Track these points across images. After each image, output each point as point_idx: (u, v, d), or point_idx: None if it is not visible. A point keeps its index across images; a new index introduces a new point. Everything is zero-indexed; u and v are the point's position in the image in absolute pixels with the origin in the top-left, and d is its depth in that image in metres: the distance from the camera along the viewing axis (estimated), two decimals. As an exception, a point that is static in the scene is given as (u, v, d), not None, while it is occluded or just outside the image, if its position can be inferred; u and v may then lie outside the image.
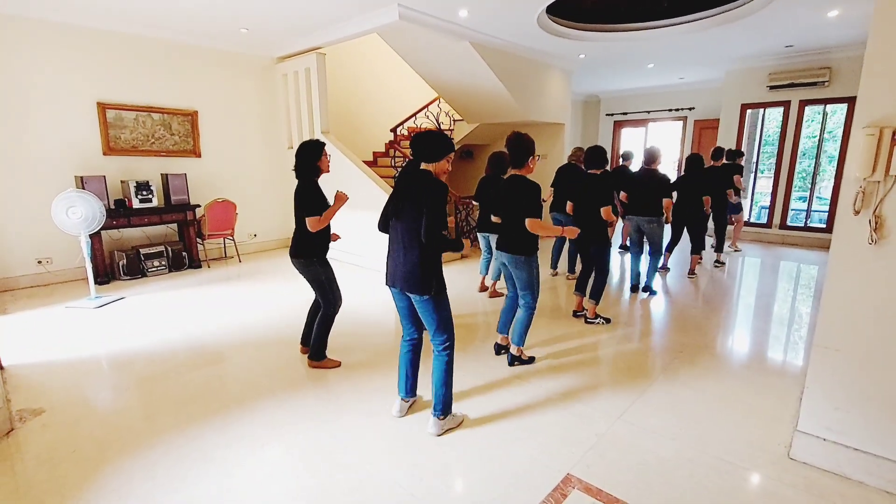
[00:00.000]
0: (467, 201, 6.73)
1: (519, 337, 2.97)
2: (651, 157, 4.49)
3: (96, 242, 4.90)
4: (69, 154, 5.04)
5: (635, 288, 4.65)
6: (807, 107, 6.99)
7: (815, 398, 1.99)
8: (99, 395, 2.72)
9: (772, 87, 7.07)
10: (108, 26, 5.09)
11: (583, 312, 3.87)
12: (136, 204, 5.18)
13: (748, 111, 7.54)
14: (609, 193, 3.66)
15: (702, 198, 5.01)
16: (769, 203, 7.56)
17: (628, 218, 4.62)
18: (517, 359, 3.01)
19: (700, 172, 5.08)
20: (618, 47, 6.31)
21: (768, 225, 7.51)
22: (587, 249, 3.85)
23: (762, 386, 2.78)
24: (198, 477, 1.97)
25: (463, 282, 5.02)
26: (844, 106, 6.76)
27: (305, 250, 2.79)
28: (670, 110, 9.59)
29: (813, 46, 6.35)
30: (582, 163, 4.14)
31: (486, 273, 4.65)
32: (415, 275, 2.10)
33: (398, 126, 7.64)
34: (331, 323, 2.95)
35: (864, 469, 1.90)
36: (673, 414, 2.45)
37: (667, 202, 4.42)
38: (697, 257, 5.26)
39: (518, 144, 2.72)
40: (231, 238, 6.07)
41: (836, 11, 4.90)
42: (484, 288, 4.67)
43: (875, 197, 1.77)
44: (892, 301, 1.77)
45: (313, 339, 2.94)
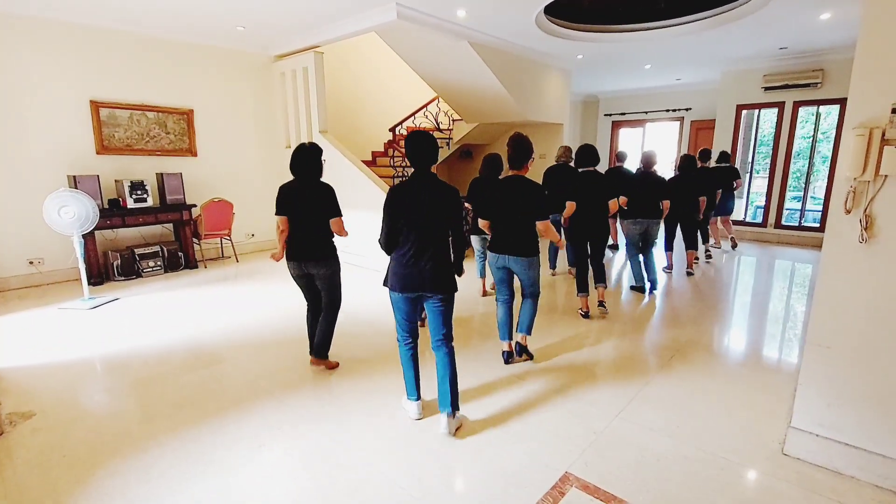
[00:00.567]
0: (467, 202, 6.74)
1: (528, 327, 3.03)
2: (649, 162, 4.60)
3: (90, 242, 4.84)
4: (61, 153, 4.99)
5: (635, 288, 4.69)
6: (801, 108, 7.06)
7: (808, 395, 2.02)
8: (92, 398, 2.68)
9: (766, 89, 7.14)
10: (101, 23, 5.03)
11: (588, 313, 3.90)
12: (131, 203, 5.15)
13: (743, 112, 7.61)
14: (608, 187, 3.70)
15: (694, 197, 5.07)
16: (764, 203, 7.63)
17: (635, 221, 4.58)
18: (525, 349, 3.05)
19: (693, 173, 5.17)
20: (615, 48, 6.34)
21: (764, 224, 7.58)
22: (585, 245, 3.90)
23: (757, 383, 2.81)
24: (196, 479, 1.96)
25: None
26: (837, 107, 6.83)
27: (332, 250, 2.83)
28: (667, 111, 9.66)
29: (806, 48, 6.42)
30: (571, 161, 4.18)
31: (485, 276, 4.65)
32: (448, 274, 2.24)
33: (397, 126, 7.64)
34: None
35: (856, 464, 1.93)
36: (670, 411, 2.48)
37: (665, 203, 4.51)
38: (693, 253, 5.36)
39: (522, 146, 2.74)
40: (228, 238, 6.05)
41: (828, 14, 4.96)
42: (486, 293, 4.64)
43: (865, 196, 1.80)
44: (883, 299, 1.80)
45: (324, 338, 2.94)
